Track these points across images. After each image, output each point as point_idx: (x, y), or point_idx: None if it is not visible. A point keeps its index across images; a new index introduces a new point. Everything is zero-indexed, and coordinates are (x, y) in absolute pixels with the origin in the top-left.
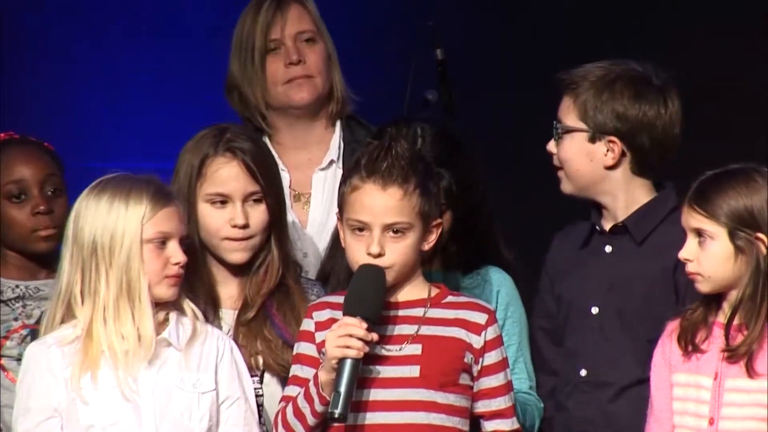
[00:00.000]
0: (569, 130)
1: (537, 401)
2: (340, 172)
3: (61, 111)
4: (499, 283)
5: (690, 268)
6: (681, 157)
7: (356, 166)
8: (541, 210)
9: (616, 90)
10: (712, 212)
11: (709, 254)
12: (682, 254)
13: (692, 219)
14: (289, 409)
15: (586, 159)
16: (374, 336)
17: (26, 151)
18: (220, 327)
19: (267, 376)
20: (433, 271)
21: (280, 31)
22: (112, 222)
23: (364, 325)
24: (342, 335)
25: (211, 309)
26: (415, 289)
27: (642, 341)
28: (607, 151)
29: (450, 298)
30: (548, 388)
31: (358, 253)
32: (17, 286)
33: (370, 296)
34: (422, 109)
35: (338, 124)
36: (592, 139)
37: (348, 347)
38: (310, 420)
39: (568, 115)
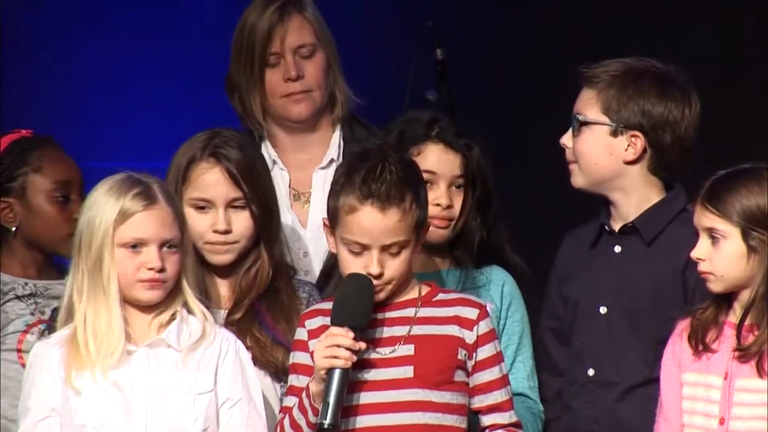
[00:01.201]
0: (590, 123)
1: (534, 403)
2: None
3: (61, 111)
4: (502, 282)
5: (702, 267)
6: None
7: (350, 184)
8: (542, 210)
9: (643, 86)
10: (725, 211)
11: (722, 254)
12: (695, 254)
13: (704, 218)
14: (287, 421)
15: (606, 153)
16: (362, 345)
17: (63, 152)
18: None
19: (255, 369)
20: (449, 269)
21: (279, 44)
22: (92, 218)
23: (351, 334)
24: (329, 345)
25: None
26: (405, 290)
27: (650, 341)
28: (628, 146)
29: (441, 296)
30: (554, 389)
31: (355, 270)
32: (26, 284)
33: (356, 305)
34: (422, 109)
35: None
36: (614, 133)
37: (335, 357)
38: (306, 431)
39: (590, 108)
